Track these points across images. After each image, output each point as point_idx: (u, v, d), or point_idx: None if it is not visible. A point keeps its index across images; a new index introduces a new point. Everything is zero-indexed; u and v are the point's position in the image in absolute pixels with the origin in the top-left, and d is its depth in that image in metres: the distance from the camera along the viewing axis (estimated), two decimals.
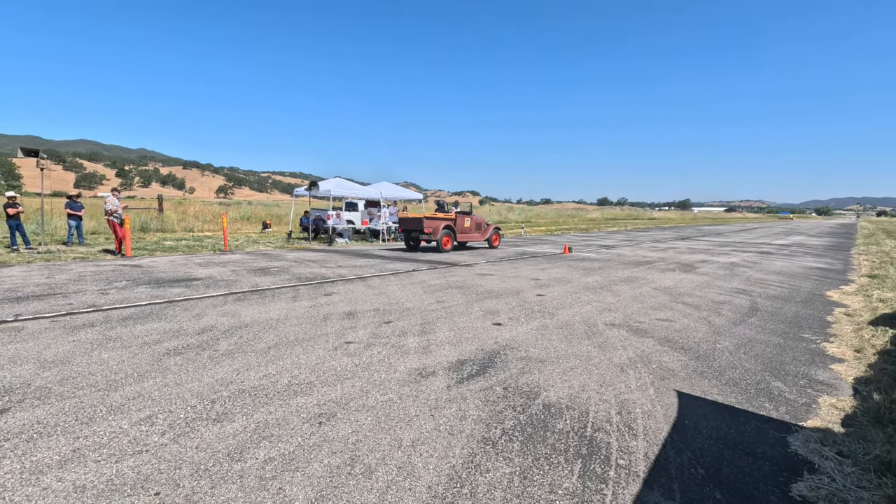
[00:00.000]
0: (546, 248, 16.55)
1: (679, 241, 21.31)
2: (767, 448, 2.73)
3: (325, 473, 2.37)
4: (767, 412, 3.20)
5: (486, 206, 74.76)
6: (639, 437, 2.81)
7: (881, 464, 2.52)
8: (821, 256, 14.92)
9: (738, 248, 17.93)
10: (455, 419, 3.00)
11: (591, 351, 4.48)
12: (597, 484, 2.34)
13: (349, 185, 19.44)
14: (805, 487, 2.35)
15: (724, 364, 4.17)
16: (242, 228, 23.80)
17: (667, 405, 3.28)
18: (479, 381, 3.66)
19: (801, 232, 34.51)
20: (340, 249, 14.90)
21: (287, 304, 6.36)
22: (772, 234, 29.56)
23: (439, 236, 13.85)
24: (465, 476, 2.38)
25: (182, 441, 2.65)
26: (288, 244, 16.27)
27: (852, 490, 2.32)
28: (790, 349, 4.67)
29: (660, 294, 7.55)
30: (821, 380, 3.84)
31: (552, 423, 2.98)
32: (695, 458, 2.60)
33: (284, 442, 2.67)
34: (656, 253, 15.10)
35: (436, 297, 6.95)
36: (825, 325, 5.73)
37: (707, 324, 5.63)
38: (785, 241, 22.42)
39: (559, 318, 5.80)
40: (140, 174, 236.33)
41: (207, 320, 5.37)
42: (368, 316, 5.72)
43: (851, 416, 3.15)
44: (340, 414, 3.03)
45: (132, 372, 3.69)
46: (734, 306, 6.69)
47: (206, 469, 2.38)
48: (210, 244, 15.09)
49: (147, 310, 5.84)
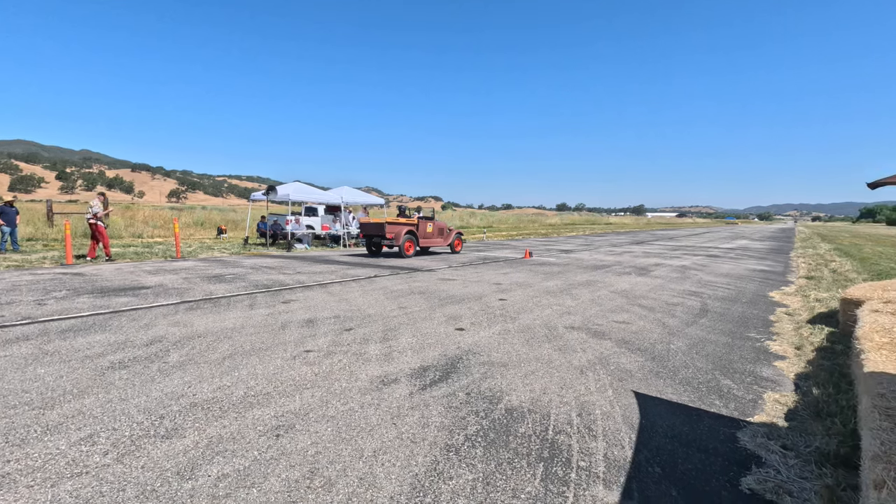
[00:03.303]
0: (508, 252, 16.76)
1: (634, 246, 22.07)
2: (718, 444, 2.84)
3: (283, 488, 2.28)
4: (718, 409, 3.34)
5: (449, 212, 75.10)
6: (598, 439, 2.86)
7: (821, 455, 2.67)
8: (763, 259, 15.81)
9: (688, 251, 18.75)
10: (418, 427, 2.96)
11: (552, 354, 4.54)
12: (558, 487, 2.36)
13: (309, 190, 19.07)
14: (753, 481, 2.45)
15: (678, 364, 4.33)
16: (196, 234, 22.87)
17: (625, 406, 3.36)
18: (442, 387, 3.63)
19: (746, 236, 36.49)
20: (300, 255, 14.56)
21: (243, 312, 6.14)
22: (719, 238, 31.11)
23: (401, 242, 13.77)
24: (428, 484, 2.35)
25: (126, 461, 2.49)
26: (244, 250, 15.76)
27: (796, 481, 2.44)
28: (738, 348, 4.90)
29: (617, 297, 7.78)
30: (766, 377, 4.04)
31: (514, 427, 2.99)
32: (651, 457, 2.67)
33: (239, 457, 2.55)
34: (613, 257, 15.58)
35: (398, 303, 6.89)
36: (768, 324, 6.05)
37: (661, 325, 5.83)
38: (731, 245, 23.63)
39: (521, 321, 5.87)
40: (83, 177, 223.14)
41: (157, 331, 5.10)
42: (329, 323, 5.59)
43: (794, 410, 3.33)
44: (299, 425, 2.94)
45: (71, 388, 3.44)
46: (686, 308, 6.97)
47: (152, 490, 2.24)
48: (161, 251, 14.41)
49: (89, 321, 5.49)
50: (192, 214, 30.26)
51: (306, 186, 19.12)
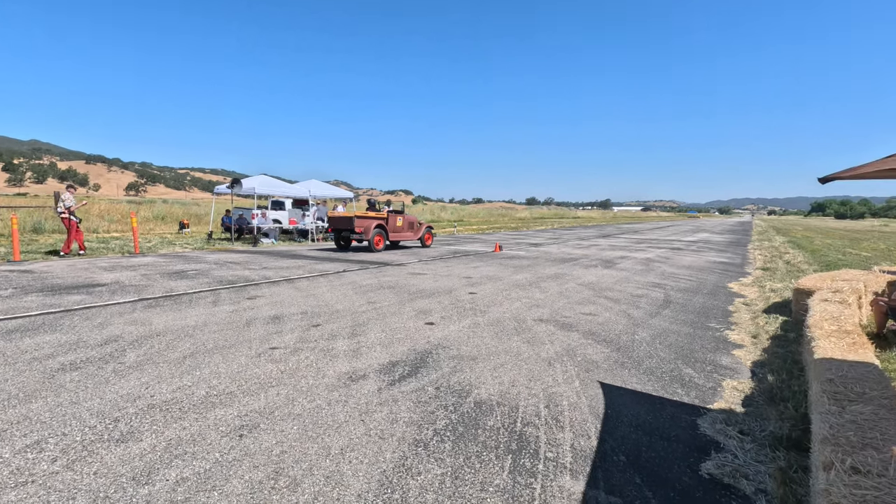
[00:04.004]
0: (478, 246, 16.84)
1: (601, 239, 22.56)
2: (680, 431, 2.92)
3: (246, 490, 2.22)
4: (680, 398, 3.44)
5: (419, 206, 74.84)
6: (566, 429, 2.90)
7: (774, 439, 2.79)
8: (723, 251, 16.43)
9: (653, 244, 19.29)
10: (386, 423, 2.93)
11: (521, 346, 4.58)
12: (526, 478, 2.38)
13: (275, 183, 18.61)
14: (712, 465, 2.54)
15: (642, 354, 4.44)
16: (156, 229, 21.99)
17: (591, 396, 3.42)
18: (411, 382, 3.61)
19: (707, 229, 37.85)
20: (266, 250, 14.22)
21: (206, 309, 5.94)
22: (682, 232, 32.16)
23: (371, 236, 13.62)
24: (397, 481, 2.32)
25: (77, 467, 2.36)
26: (208, 245, 15.26)
27: (752, 465, 2.54)
28: (699, 338, 5.06)
29: (584, 289, 7.92)
30: (724, 365, 4.19)
31: (483, 420, 3.00)
32: (617, 446, 2.72)
33: (200, 459, 2.46)
34: (580, 250, 15.87)
35: (367, 298, 6.81)
36: (727, 314, 6.29)
37: (627, 317, 5.98)
38: (693, 238, 24.46)
39: (490, 315, 5.90)
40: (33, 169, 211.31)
41: (112, 330, 4.87)
42: (295, 319, 5.48)
43: (750, 396, 3.47)
44: (264, 424, 2.86)
45: (17, 392, 3.25)
46: (650, 299, 7.17)
47: (105, 497, 2.14)
48: (118, 246, 13.79)
49: (38, 320, 5.20)
50: (153, 208, 29.09)
51: (272, 179, 18.65)
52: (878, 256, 14.12)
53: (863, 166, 3.28)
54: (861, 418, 2.22)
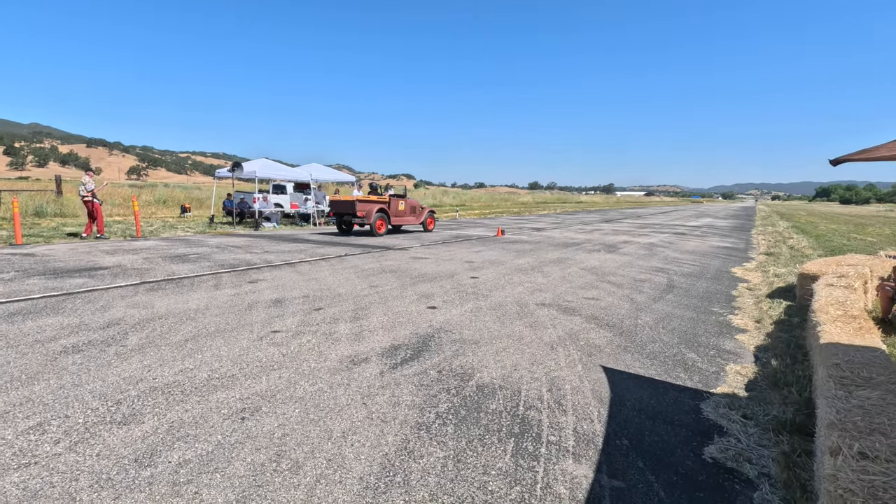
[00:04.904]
0: (480, 231, 16.77)
1: (604, 224, 22.44)
2: (683, 416, 2.91)
3: (248, 472, 2.22)
4: (683, 382, 3.42)
5: (422, 190, 74.54)
6: (568, 413, 2.89)
7: (778, 423, 2.77)
8: (726, 237, 16.33)
9: (656, 229, 19.19)
10: (388, 406, 2.92)
11: (523, 330, 4.57)
12: (529, 462, 2.37)
13: (276, 167, 18.50)
14: (715, 449, 2.53)
15: (645, 339, 4.42)
16: (158, 213, 21.95)
17: (594, 380, 3.41)
18: (414, 365, 3.60)
19: (710, 214, 37.62)
20: (268, 234, 14.19)
21: (208, 292, 5.93)
22: (685, 217, 31.96)
23: (373, 220, 13.57)
24: (399, 464, 2.32)
25: (80, 449, 2.37)
26: (210, 229, 15.24)
27: (755, 449, 2.53)
28: (702, 322, 5.04)
29: (587, 274, 7.89)
30: (728, 349, 4.17)
31: (486, 403, 2.99)
32: (619, 430, 2.71)
33: (202, 441, 2.46)
34: (583, 235, 15.80)
35: (369, 282, 6.80)
36: (731, 298, 6.25)
37: (630, 301, 5.95)
38: (697, 223, 24.31)
39: (492, 299, 5.88)
40: (34, 152, 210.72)
41: (114, 313, 4.87)
42: (297, 303, 5.47)
43: (753, 381, 3.45)
44: (266, 407, 2.86)
45: (19, 374, 3.25)
46: (654, 284, 7.13)
47: (108, 478, 2.14)
48: (120, 230, 13.78)
49: (40, 303, 5.20)
50: (154, 192, 28.99)
51: (273, 163, 18.52)
52: (883, 241, 14.02)
53: (876, 148, 3.20)
54: (868, 403, 2.20)
